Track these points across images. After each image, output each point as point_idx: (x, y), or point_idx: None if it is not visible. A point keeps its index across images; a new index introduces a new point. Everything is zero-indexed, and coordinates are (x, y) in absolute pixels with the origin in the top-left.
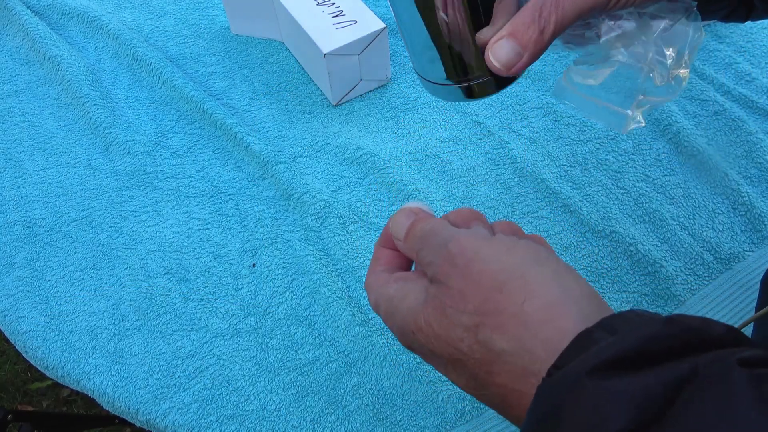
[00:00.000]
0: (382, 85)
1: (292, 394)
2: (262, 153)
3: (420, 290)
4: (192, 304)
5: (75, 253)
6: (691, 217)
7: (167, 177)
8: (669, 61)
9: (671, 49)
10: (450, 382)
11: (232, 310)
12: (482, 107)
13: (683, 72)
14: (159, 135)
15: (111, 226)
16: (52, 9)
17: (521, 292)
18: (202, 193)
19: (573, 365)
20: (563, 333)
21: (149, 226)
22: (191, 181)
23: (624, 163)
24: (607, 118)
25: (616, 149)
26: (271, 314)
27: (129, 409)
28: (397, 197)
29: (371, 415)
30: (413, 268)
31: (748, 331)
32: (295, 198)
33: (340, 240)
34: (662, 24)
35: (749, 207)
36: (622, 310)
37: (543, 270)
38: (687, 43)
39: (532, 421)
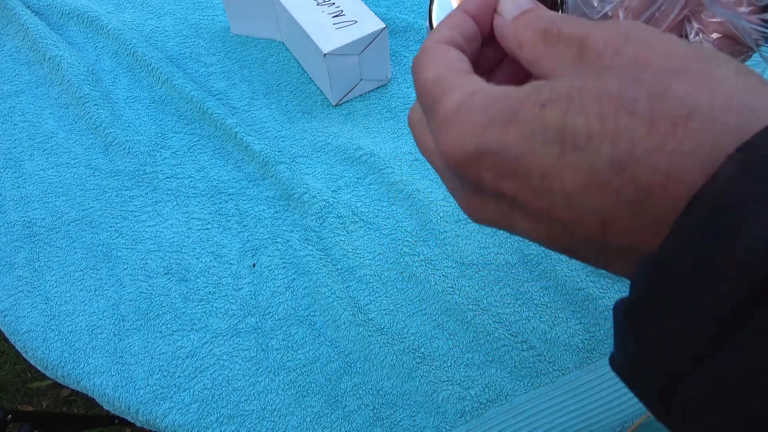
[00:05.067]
0: (382, 85)
1: (292, 394)
2: (262, 153)
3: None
4: (192, 304)
5: (75, 253)
6: None
7: (167, 177)
8: None
9: None
10: (450, 382)
11: (232, 310)
12: None
13: None
14: (159, 135)
15: (111, 226)
16: (52, 9)
17: (715, 73)
18: (202, 193)
19: None
20: None
21: (149, 226)
22: (191, 181)
23: None
24: None
25: None
26: (271, 314)
27: (129, 409)
28: (397, 197)
29: (371, 415)
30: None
31: None
32: (295, 198)
33: (340, 240)
34: None
35: None
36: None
37: (729, 62)
38: None
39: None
